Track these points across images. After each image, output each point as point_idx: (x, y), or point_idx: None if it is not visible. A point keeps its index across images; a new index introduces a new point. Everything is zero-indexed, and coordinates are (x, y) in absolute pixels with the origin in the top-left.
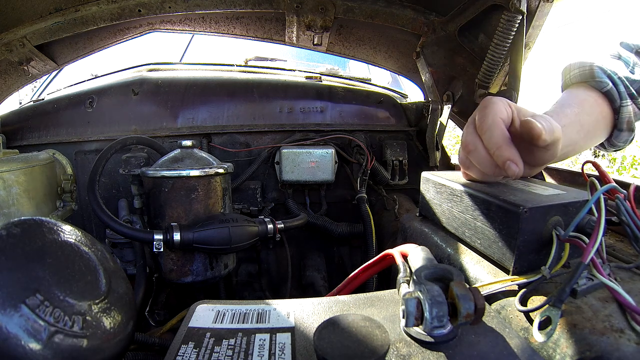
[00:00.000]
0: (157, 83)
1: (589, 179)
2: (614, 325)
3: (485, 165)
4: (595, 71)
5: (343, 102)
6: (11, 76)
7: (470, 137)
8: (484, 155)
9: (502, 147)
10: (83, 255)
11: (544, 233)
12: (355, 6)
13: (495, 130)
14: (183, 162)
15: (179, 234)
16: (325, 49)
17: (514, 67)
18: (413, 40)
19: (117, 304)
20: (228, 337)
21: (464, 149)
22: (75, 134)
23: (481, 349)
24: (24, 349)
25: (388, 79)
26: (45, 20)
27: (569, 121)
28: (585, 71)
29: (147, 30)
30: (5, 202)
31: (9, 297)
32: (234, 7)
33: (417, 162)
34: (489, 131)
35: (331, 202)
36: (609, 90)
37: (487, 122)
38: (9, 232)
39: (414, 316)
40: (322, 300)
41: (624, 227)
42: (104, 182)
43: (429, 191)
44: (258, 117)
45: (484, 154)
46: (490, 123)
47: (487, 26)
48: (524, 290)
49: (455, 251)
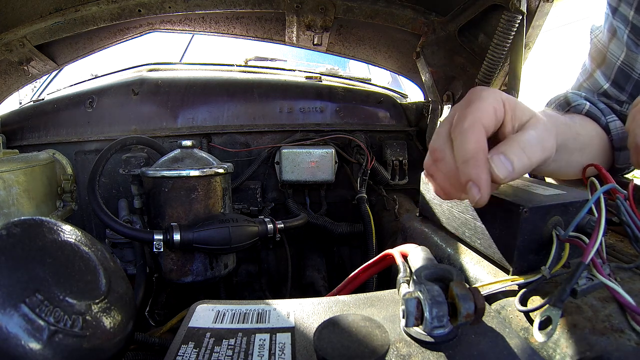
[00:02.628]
0: (157, 83)
1: (589, 179)
2: (614, 325)
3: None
4: (570, 97)
5: (343, 102)
6: (11, 76)
7: (440, 142)
8: (451, 167)
9: (471, 161)
10: (83, 255)
11: (544, 233)
12: (355, 6)
13: (469, 136)
14: (183, 162)
15: (179, 234)
16: (325, 49)
17: (514, 67)
18: (413, 40)
19: (117, 304)
20: (228, 337)
21: (433, 155)
22: (75, 134)
23: (481, 349)
24: (24, 349)
25: (388, 79)
26: (45, 20)
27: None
28: (561, 101)
29: (147, 30)
30: (5, 202)
31: (9, 296)
32: (234, 7)
33: (417, 162)
34: (461, 136)
35: (331, 202)
36: (588, 110)
37: (462, 125)
38: (9, 232)
39: (414, 316)
40: (322, 300)
41: (624, 227)
42: (104, 182)
43: (429, 191)
44: (258, 117)
45: (451, 165)
46: (466, 127)
47: (487, 26)
48: (524, 290)
49: (455, 251)
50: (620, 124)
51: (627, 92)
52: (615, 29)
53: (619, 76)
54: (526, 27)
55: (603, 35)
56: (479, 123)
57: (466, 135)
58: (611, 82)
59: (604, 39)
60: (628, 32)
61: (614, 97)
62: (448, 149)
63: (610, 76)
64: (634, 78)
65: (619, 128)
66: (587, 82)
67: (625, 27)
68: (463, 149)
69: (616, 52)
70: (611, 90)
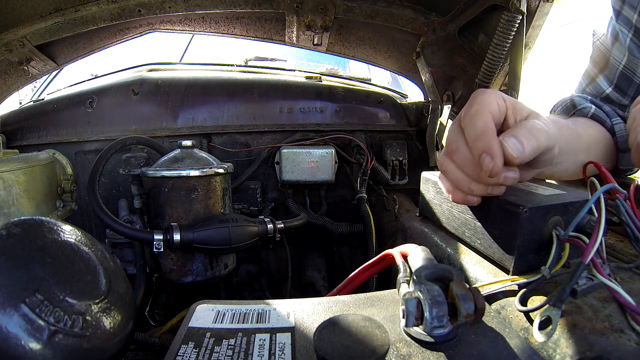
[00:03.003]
0: (157, 83)
1: (589, 179)
2: (614, 325)
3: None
4: (576, 100)
5: (343, 102)
6: (11, 76)
7: (454, 136)
8: (467, 156)
9: (481, 135)
10: (83, 255)
11: (544, 233)
12: (355, 6)
13: (477, 118)
14: (183, 162)
15: (179, 234)
16: (325, 49)
17: (514, 67)
18: (413, 40)
19: (117, 304)
20: (228, 337)
21: (447, 149)
22: (75, 134)
23: (481, 349)
24: (24, 349)
25: (388, 79)
26: (45, 20)
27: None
28: (567, 104)
29: (147, 30)
30: (5, 202)
31: (9, 296)
32: (234, 7)
33: (417, 162)
34: (470, 120)
35: (331, 202)
36: (594, 113)
37: (470, 112)
38: (9, 232)
39: (414, 316)
40: (322, 300)
41: (624, 227)
42: (104, 182)
43: (429, 191)
44: (258, 117)
45: (466, 154)
46: (473, 112)
47: (487, 26)
48: (524, 290)
49: (455, 251)
50: (624, 127)
51: (630, 96)
52: (618, 33)
53: (621, 80)
54: (526, 27)
55: (606, 38)
56: (486, 108)
57: (475, 118)
58: (614, 87)
59: (607, 42)
60: (631, 36)
61: (616, 102)
62: (461, 139)
63: (613, 80)
64: (636, 82)
65: (623, 130)
66: (590, 86)
67: (628, 30)
68: (473, 128)
69: (618, 57)
70: (614, 94)
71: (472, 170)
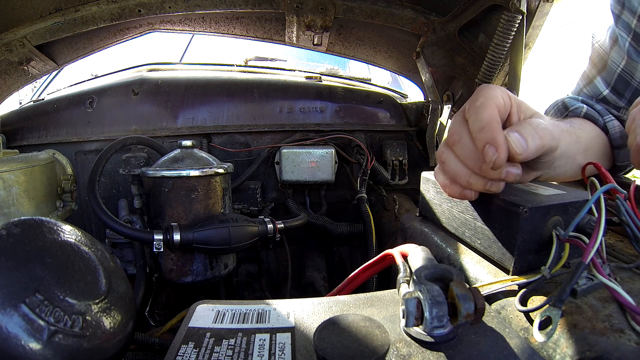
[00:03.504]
0: (157, 83)
1: (589, 179)
2: (614, 325)
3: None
4: (568, 102)
5: (343, 102)
6: (11, 76)
7: (456, 126)
8: (469, 147)
9: (486, 127)
10: (83, 255)
11: (544, 233)
12: (355, 6)
13: (483, 110)
14: (183, 162)
15: (179, 234)
16: (325, 49)
17: (514, 67)
18: (413, 40)
19: (117, 304)
20: (228, 337)
21: (448, 140)
22: (75, 134)
23: (481, 349)
24: (24, 349)
25: (388, 79)
26: (45, 20)
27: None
28: (559, 106)
29: (147, 30)
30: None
31: (9, 296)
32: (234, 7)
33: (417, 162)
34: (475, 112)
35: (331, 202)
36: (586, 112)
37: (475, 104)
38: (9, 232)
39: (414, 316)
40: (322, 300)
41: (624, 227)
42: (104, 182)
43: (429, 191)
44: (258, 117)
45: (469, 145)
46: (479, 104)
47: (487, 26)
48: (524, 290)
49: (455, 251)
50: (617, 124)
51: (626, 98)
52: (617, 37)
53: (618, 83)
54: (526, 27)
55: (605, 41)
56: (492, 101)
57: (480, 109)
58: (611, 89)
59: (605, 45)
60: (630, 40)
61: (612, 103)
62: (464, 130)
63: (610, 82)
64: (634, 85)
65: (616, 127)
66: (587, 87)
67: (627, 35)
68: (478, 120)
69: (617, 60)
70: (610, 96)
71: (473, 162)
